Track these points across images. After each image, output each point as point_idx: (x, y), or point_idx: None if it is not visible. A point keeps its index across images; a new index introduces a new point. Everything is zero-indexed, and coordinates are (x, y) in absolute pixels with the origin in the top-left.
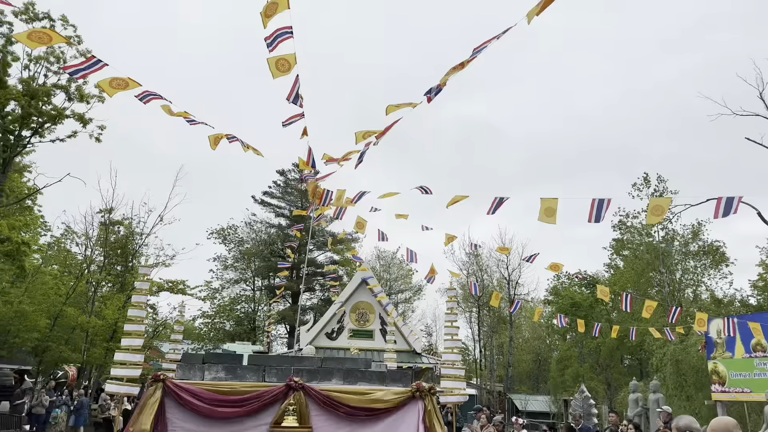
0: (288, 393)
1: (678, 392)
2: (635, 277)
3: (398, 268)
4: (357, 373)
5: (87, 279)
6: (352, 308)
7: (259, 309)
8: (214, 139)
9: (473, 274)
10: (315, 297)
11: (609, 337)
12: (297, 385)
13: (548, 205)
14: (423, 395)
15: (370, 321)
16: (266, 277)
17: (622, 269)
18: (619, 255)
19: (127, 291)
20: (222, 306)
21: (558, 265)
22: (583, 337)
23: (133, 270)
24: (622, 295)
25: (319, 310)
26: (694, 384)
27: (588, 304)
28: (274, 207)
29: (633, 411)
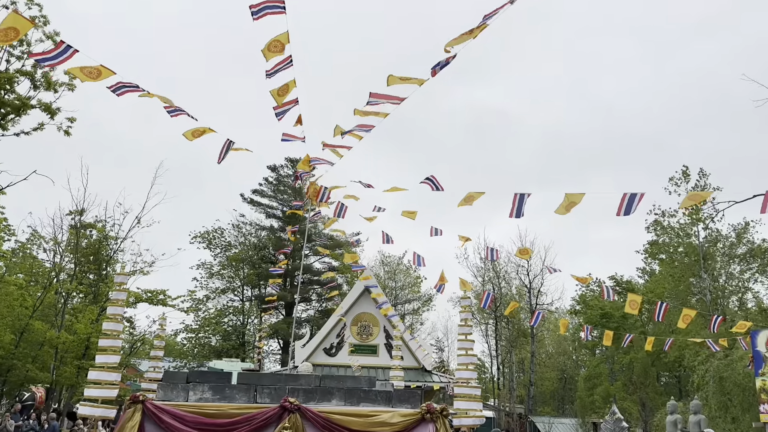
0: (282, 415)
1: (722, 413)
2: (673, 283)
3: (405, 275)
4: (360, 392)
5: (56, 289)
6: (354, 320)
7: (248, 322)
8: (192, 132)
9: (489, 281)
10: (311, 308)
11: (643, 351)
12: (293, 407)
13: (572, 200)
14: (434, 417)
15: (373, 335)
16: (256, 286)
17: (659, 275)
18: (655, 259)
19: (100, 302)
20: (207, 319)
21: (586, 279)
22: (615, 352)
23: (107, 279)
24: (656, 304)
25: (316, 323)
26: (740, 404)
27: (620, 315)
28: (264, 207)
29: None
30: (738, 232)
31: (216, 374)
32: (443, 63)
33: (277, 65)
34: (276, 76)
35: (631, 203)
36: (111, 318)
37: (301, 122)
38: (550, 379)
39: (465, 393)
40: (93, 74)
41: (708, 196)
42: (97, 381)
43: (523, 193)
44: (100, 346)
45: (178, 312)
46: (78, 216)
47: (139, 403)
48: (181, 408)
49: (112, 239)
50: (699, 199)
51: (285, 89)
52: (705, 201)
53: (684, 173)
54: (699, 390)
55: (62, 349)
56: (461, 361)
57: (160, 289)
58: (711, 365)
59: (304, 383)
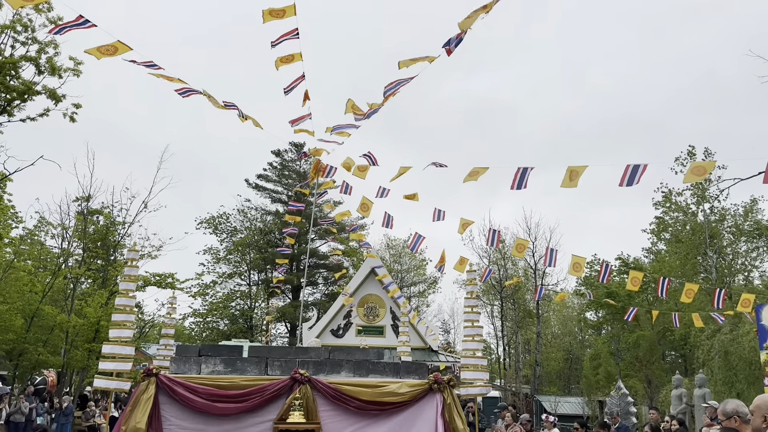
0: (293, 387)
1: (728, 388)
2: (679, 262)
3: (410, 258)
4: (368, 364)
5: (65, 274)
6: (360, 302)
7: (256, 306)
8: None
9: (495, 263)
10: (318, 292)
11: (649, 330)
12: (303, 378)
13: (574, 170)
14: (441, 388)
15: (380, 316)
16: (263, 270)
17: (664, 254)
18: (660, 239)
19: (109, 287)
20: (215, 303)
21: (580, 262)
22: (620, 331)
23: (115, 264)
24: (659, 280)
25: (323, 307)
26: (746, 378)
27: (626, 294)
28: (269, 192)
29: (676, 408)
30: (745, 210)
31: (227, 348)
32: (456, 40)
33: (282, 36)
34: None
35: (634, 174)
36: (123, 293)
37: (308, 98)
38: (555, 359)
39: (471, 363)
40: (110, 51)
41: (712, 167)
42: (111, 354)
43: (526, 167)
44: (113, 320)
45: (186, 296)
46: (85, 202)
47: (153, 376)
48: (194, 380)
49: (119, 225)
50: (703, 172)
51: (290, 58)
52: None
53: (690, 153)
54: (704, 365)
55: (72, 333)
56: (467, 332)
57: (168, 273)
58: (716, 340)
59: (313, 356)
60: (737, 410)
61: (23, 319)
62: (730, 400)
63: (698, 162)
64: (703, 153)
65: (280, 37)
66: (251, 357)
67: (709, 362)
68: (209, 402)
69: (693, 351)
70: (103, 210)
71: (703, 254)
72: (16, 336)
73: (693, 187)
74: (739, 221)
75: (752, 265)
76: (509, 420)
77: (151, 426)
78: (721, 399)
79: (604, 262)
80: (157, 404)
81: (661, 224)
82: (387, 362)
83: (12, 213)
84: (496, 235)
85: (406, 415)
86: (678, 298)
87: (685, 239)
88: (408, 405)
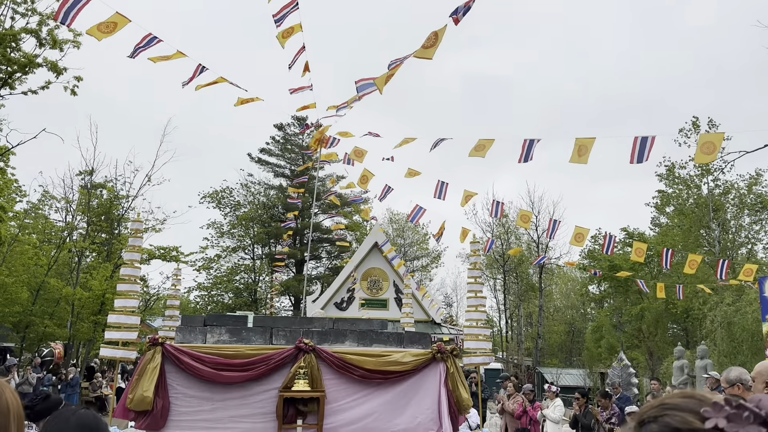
0: (298, 356)
1: (730, 359)
2: (682, 235)
3: (413, 233)
4: (372, 334)
5: (69, 248)
6: (364, 275)
7: (260, 279)
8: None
9: (498, 236)
10: (321, 266)
11: (654, 302)
12: (307, 347)
13: (582, 144)
14: (444, 357)
15: (383, 289)
16: (266, 244)
17: (668, 227)
18: (663, 213)
19: (114, 260)
20: (219, 277)
21: (582, 232)
22: (623, 304)
23: (119, 237)
24: (662, 252)
25: (326, 280)
26: (749, 349)
27: (629, 266)
28: (272, 166)
29: (678, 379)
30: (749, 183)
31: (233, 318)
32: (463, 9)
33: (284, 8)
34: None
35: (643, 148)
36: (128, 264)
37: (308, 69)
38: (557, 332)
39: (474, 333)
40: (110, 28)
41: (721, 140)
42: (116, 324)
43: (533, 139)
44: (119, 290)
45: (190, 269)
46: (88, 176)
47: (158, 345)
48: (200, 350)
49: (123, 198)
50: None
51: (290, 31)
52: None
53: (694, 124)
54: (707, 337)
55: (78, 306)
56: (470, 303)
57: (173, 246)
58: (719, 311)
59: (318, 326)
60: (740, 377)
61: (29, 292)
62: (734, 368)
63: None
64: (708, 124)
65: (282, 10)
66: (256, 327)
67: (712, 334)
68: (215, 371)
69: (695, 323)
70: (106, 184)
71: (706, 227)
72: (23, 309)
73: (701, 165)
74: (743, 194)
75: (755, 238)
76: (511, 390)
77: (158, 394)
78: (723, 370)
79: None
80: (164, 373)
81: (664, 197)
82: (390, 332)
83: (16, 187)
84: (500, 207)
85: (410, 383)
86: (681, 270)
87: (688, 212)
88: (411, 374)
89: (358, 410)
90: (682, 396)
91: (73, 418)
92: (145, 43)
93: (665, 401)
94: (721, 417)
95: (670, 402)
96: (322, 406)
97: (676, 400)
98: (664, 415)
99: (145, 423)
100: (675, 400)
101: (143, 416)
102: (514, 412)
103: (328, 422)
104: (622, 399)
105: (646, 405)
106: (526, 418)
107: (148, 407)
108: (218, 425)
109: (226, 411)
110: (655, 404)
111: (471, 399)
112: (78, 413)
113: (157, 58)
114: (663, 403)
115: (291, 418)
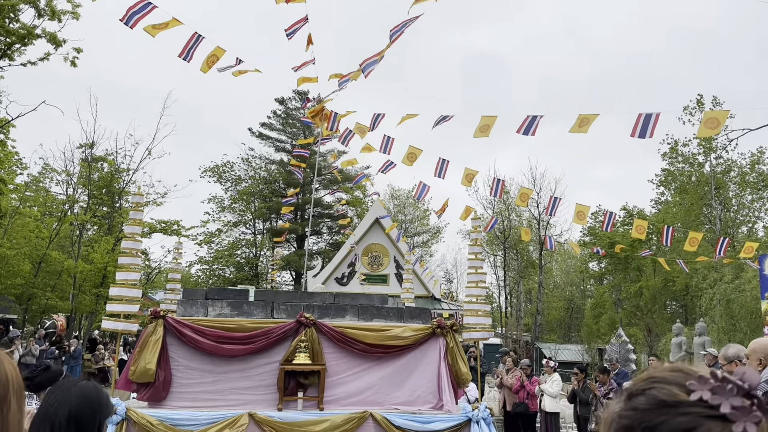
0: (299, 329)
1: (729, 336)
2: (684, 213)
3: (414, 209)
4: (372, 309)
5: (71, 221)
6: (364, 251)
7: (261, 254)
8: (207, 60)
9: (499, 213)
10: (322, 241)
11: (653, 279)
12: (308, 321)
13: (584, 117)
14: (444, 332)
15: (383, 265)
16: (267, 219)
17: (669, 204)
18: (668, 188)
19: (115, 233)
20: (220, 251)
21: (584, 210)
22: (623, 281)
23: (120, 210)
24: (663, 229)
25: (327, 255)
26: (747, 326)
27: (629, 243)
28: (273, 140)
29: (675, 356)
30: (752, 161)
31: (234, 292)
32: None
33: None
34: None
35: (647, 125)
36: (129, 237)
37: (311, 42)
38: (556, 308)
39: (474, 309)
40: None
41: (725, 117)
42: (118, 297)
43: (536, 115)
44: (120, 263)
45: (191, 243)
46: (89, 149)
47: (160, 318)
48: (201, 323)
49: (124, 171)
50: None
51: None
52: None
53: (698, 102)
54: (707, 314)
55: (80, 278)
56: (471, 279)
57: (174, 220)
58: (719, 288)
59: (318, 300)
60: (738, 354)
61: (31, 264)
62: (732, 345)
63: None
64: (711, 102)
65: None
66: (257, 301)
67: (711, 311)
68: (216, 344)
69: (694, 300)
70: (107, 157)
71: (707, 205)
72: (25, 281)
73: (703, 139)
74: (745, 171)
75: (756, 216)
76: (510, 365)
77: (160, 367)
78: (721, 347)
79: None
80: (166, 346)
81: (668, 175)
82: (391, 307)
83: (16, 159)
84: (501, 185)
85: (410, 358)
86: (681, 248)
87: (690, 190)
88: (411, 348)
89: (359, 383)
90: (669, 370)
91: (74, 390)
92: (139, 8)
93: (653, 374)
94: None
95: (658, 375)
96: (322, 379)
97: (663, 374)
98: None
99: (147, 394)
100: (662, 374)
101: (145, 388)
102: (512, 387)
103: (328, 395)
104: (620, 375)
105: (636, 378)
106: (523, 393)
107: (150, 379)
108: (219, 397)
109: (228, 383)
110: (643, 377)
111: (470, 373)
112: (79, 385)
113: (153, 28)
114: (651, 377)
115: (292, 391)
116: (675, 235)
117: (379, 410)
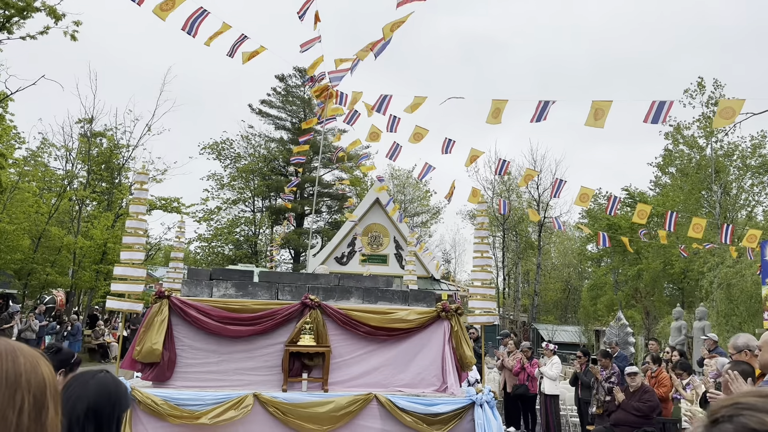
0: (303, 311)
1: (728, 320)
2: (684, 197)
3: (414, 189)
4: (377, 291)
5: (70, 196)
6: (365, 231)
7: (260, 232)
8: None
9: (500, 194)
10: (322, 220)
11: (653, 262)
12: (313, 303)
13: (599, 107)
14: (449, 315)
15: (383, 245)
16: (267, 197)
17: (669, 187)
18: (666, 173)
19: (115, 209)
20: (220, 229)
21: (588, 192)
22: (621, 264)
23: (120, 186)
24: (666, 214)
25: (327, 234)
26: (746, 310)
27: (627, 226)
28: (273, 118)
29: (675, 340)
30: (753, 145)
31: (238, 272)
32: None
33: None
34: None
35: (660, 111)
36: (133, 216)
37: (319, 20)
38: (554, 289)
39: (480, 293)
40: None
41: (741, 106)
42: (122, 276)
43: (548, 101)
44: (125, 243)
45: (191, 220)
46: (88, 124)
47: (165, 298)
48: (206, 303)
49: (123, 147)
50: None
51: None
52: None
53: (699, 84)
54: (706, 298)
55: (80, 255)
56: (476, 263)
57: (174, 197)
58: (719, 272)
59: (323, 282)
60: (748, 344)
61: (30, 239)
62: (741, 335)
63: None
64: (713, 84)
65: None
66: (262, 282)
67: (711, 295)
68: (222, 324)
69: (692, 284)
70: (106, 132)
71: (707, 189)
72: (24, 256)
73: (702, 118)
74: (746, 155)
75: (756, 200)
76: (512, 347)
77: (165, 347)
78: (720, 331)
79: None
80: (171, 326)
81: (668, 157)
82: (395, 290)
83: (15, 133)
84: (505, 165)
85: (414, 340)
86: (682, 233)
87: (690, 173)
88: (416, 331)
89: (363, 365)
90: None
91: (92, 382)
92: None
93: (740, 400)
94: None
95: (746, 401)
96: (327, 360)
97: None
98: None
99: (152, 374)
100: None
101: (150, 368)
102: (512, 369)
103: (333, 377)
104: (619, 358)
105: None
106: (524, 375)
107: (156, 359)
108: (224, 377)
109: (233, 363)
110: (728, 403)
111: (474, 357)
112: (97, 377)
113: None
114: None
115: (296, 372)
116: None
117: (383, 392)
